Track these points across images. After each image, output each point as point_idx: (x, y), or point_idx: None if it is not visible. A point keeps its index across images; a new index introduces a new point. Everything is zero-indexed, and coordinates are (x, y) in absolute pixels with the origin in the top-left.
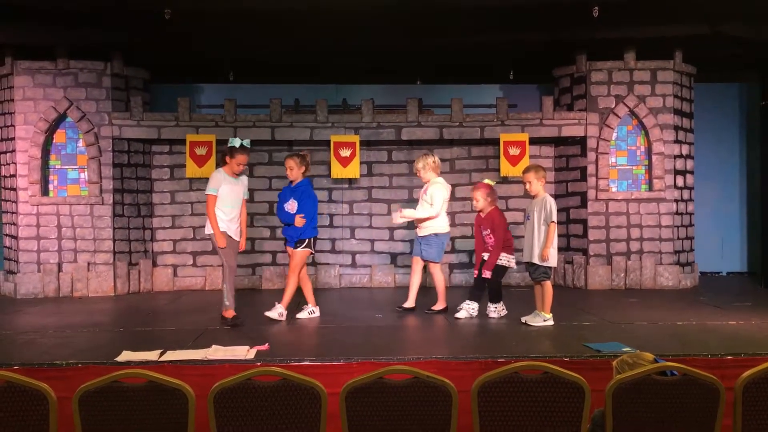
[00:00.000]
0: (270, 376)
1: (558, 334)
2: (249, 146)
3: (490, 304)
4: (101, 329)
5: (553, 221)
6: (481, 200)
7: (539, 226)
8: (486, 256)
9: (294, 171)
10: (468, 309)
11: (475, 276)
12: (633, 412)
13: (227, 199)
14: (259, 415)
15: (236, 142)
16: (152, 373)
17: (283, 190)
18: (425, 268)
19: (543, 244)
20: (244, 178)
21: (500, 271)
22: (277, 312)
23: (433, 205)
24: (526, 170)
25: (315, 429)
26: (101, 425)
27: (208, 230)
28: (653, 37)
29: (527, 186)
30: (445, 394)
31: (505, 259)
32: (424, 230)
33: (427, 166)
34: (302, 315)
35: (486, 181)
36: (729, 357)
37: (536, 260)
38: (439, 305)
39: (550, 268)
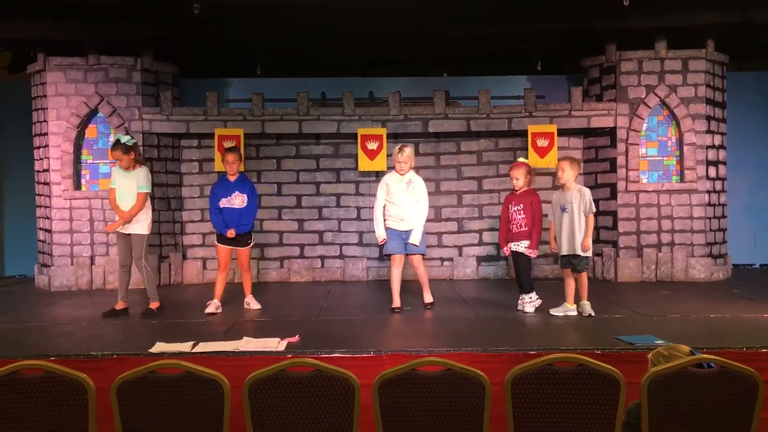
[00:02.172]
0: (303, 367)
1: (589, 327)
2: (125, 141)
3: (523, 295)
4: (134, 321)
5: (593, 212)
6: (521, 178)
7: (579, 217)
8: (516, 245)
9: (237, 164)
10: (534, 301)
11: (506, 254)
12: (669, 404)
13: (119, 192)
14: (294, 406)
15: (113, 139)
16: (189, 364)
17: (222, 185)
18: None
19: (584, 235)
20: (138, 171)
21: (529, 261)
22: (255, 301)
23: (424, 201)
24: (563, 159)
25: (348, 420)
26: (139, 414)
27: None
28: (684, 26)
29: (559, 173)
30: (479, 385)
31: (524, 248)
32: (408, 223)
33: (413, 159)
34: (211, 309)
35: (522, 159)
36: (765, 350)
37: (580, 251)
38: (430, 297)
39: (589, 257)
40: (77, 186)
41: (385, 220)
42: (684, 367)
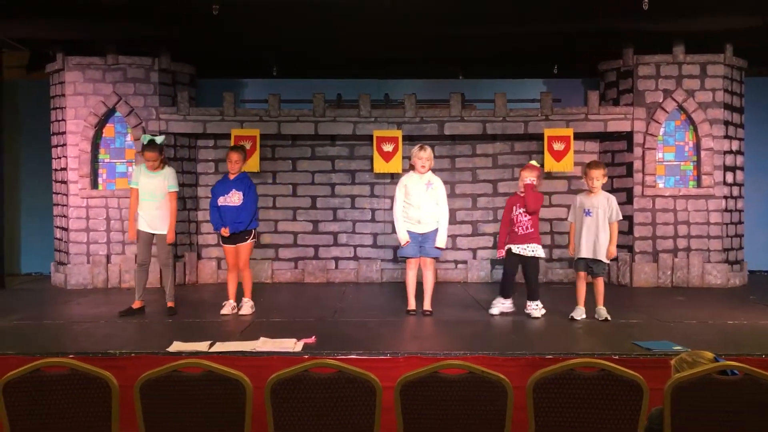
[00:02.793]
0: (324, 369)
1: (606, 332)
2: (160, 142)
3: (528, 302)
4: (150, 320)
5: (620, 219)
6: (535, 180)
7: (604, 222)
8: (523, 249)
9: (239, 164)
10: (500, 305)
11: (500, 256)
12: (692, 411)
13: (143, 192)
14: (316, 407)
15: (145, 139)
16: (211, 363)
17: (221, 183)
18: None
19: (609, 242)
20: (167, 171)
21: (538, 264)
22: (249, 307)
23: (443, 203)
24: (597, 166)
25: (370, 421)
26: (161, 413)
27: None
28: (703, 30)
29: (596, 182)
30: (501, 389)
31: (540, 252)
32: (426, 226)
33: (432, 159)
34: (227, 310)
35: (534, 162)
36: None
37: (603, 257)
38: (430, 305)
39: (608, 262)
40: (94, 185)
41: None
42: (708, 373)
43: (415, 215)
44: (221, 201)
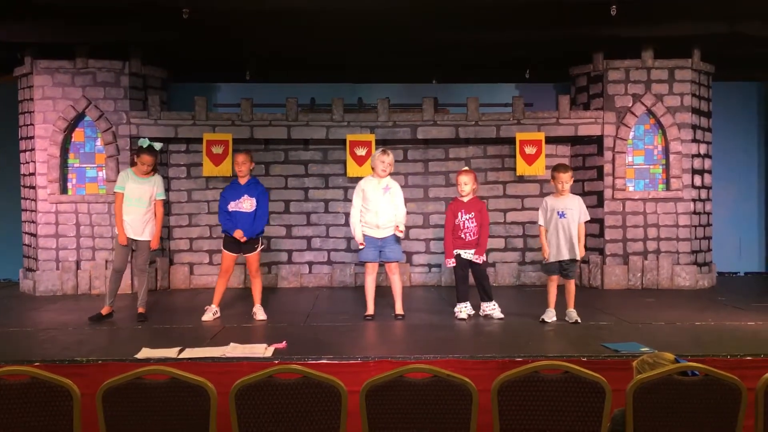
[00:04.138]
0: (290, 374)
1: (575, 334)
2: (158, 149)
3: (486, 304)
4: (119, 326)
5: (588, 220)
6: (470, 184)
7: (575, 223)
8: (464, 252)
9: (247, 165)
10: (464, 309)
11: (449, 265)
12: (654, 412)
13: (129, 198)
14: (280, 412)
15: (144, 143)
16: (174, 370)
17: (232, 188)
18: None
19: (580, 241)
20: (156, 178)
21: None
22: (262, 312)
23: (401, 207)
24: (566, 169)
25: (335, 426)
26: (124, 421)
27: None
28: (671, 36)
29: (566, 185)
30: (466, 392)
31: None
32: (385, 230)
33: (393, 164)
34: (208, 317)
35: (466, 168)
36: (749, 357)
37: (578, 257)
38: (401, 309)
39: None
40: (63, 190)
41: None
42: (669, 374)
43: (372, 220)
44: (232, 206)
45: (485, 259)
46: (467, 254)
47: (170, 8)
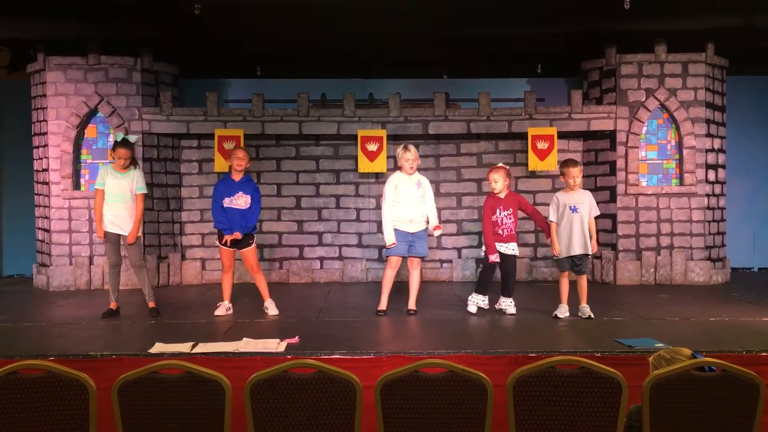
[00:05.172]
0: (305, 369)
1: (589, 330)
2: (133, 141)
3: (504, 299)
4: (132, 322)
5: (597, 215)
6: (500, 181)
7: (587, 218)
8: (501, 247)
9: (245, 161)
10: (479, 302)
11: (494, 260)
12: (670, 407)
13: (110, 193)
14: (295, 407)
15: (118, 137)
16: (190, 365)
17: (226, 184)
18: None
19: (591, 237)
20: (135, 172)
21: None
22: (274, 307)
23: (430, 201)
24: (575, 164)
25: (350, 421)
26: (140, 415)
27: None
28: (685, 30)
29: (577, 179)
30: (481, 387)
31: (513, 249)
32: (417, 225)
33: (418, 157)
34: (221, 311)
35: (501, 164)
36: (764, 353)
37: (590, 252)
38: (414, 305)
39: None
40: (76, 186)
41: None
42: (686, 370)
43: (407, 215)
44: (227, 202)
45: (517, 254)
46: (504, 248)
47: (181, 5)
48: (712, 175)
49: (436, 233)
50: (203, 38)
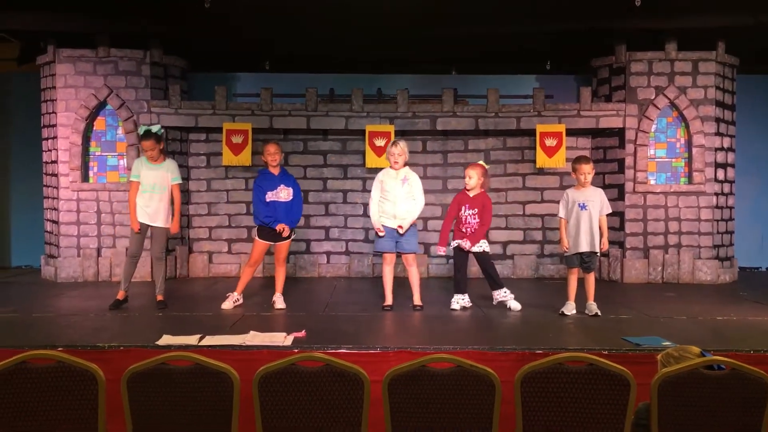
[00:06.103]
0: (313, 362)
1: (596, 327)
2: (155, 131)
3: (497, 292)
4: (140, 313)
5: (609, 212)
6: (474, 177)
7: (597, 215)
8: (462, 242)
9: (279, 156)
10: (459, 301)
11: (439, 252)
12: (679, 406)
13: (145, 184)
14: (303, 400)
15: (141, 130)
16: (199, 357)
17: (267, 178)
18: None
19: (602, 235)
20: (169, 163)
21: (489, 256)
22: (281, 300)
23: (419, 198)
24: (587, 160)
25: (358, 415)
26: (148, 406)
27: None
28: (695, 28)
29: (588, 176)
30: (489, 383)
31: (486, 246)
32: (402, 221)
33: (407, 153)
34: (228, 305)
35: (481, 162)
36: None
37: (598, 250)
38: (420, 300)
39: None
40: (85, 178)
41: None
42: (695, 368)
43: (390, 210)
44: (270, 197)
45: (487, 249)
46: (466, 245)
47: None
48: (721, 174)
49: (400, 231)
50: (213, 32)
